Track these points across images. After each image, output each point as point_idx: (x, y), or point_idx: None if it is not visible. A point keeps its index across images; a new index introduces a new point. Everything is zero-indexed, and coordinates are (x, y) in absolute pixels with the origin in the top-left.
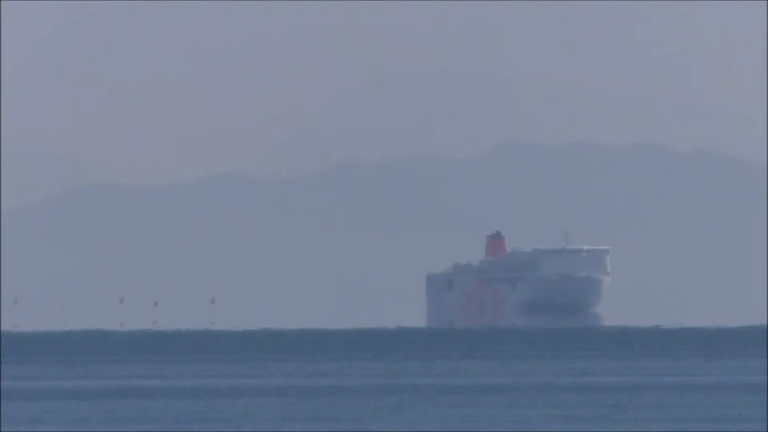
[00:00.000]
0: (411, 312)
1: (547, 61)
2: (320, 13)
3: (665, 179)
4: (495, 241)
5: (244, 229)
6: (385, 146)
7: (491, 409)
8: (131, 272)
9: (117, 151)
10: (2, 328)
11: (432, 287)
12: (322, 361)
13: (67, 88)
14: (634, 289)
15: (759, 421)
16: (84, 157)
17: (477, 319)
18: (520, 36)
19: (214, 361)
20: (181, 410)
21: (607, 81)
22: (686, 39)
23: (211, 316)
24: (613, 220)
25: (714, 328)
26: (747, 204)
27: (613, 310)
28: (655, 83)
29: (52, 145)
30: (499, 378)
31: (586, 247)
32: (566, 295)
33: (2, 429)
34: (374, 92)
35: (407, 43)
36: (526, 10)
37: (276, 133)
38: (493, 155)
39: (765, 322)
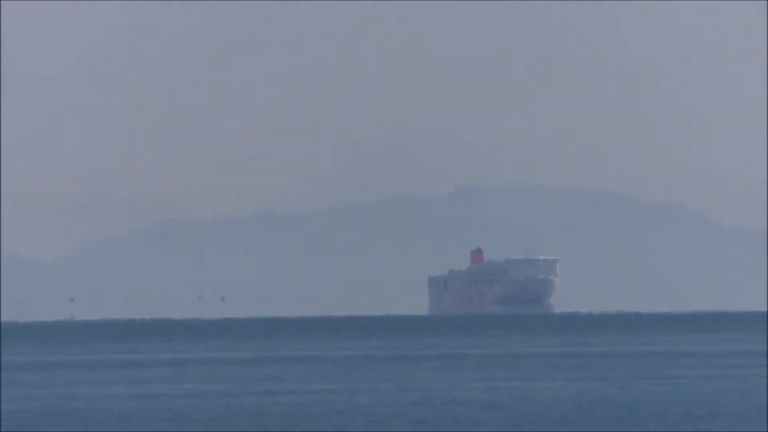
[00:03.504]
0: (415, 305)
1: (500, 123)
2: (309, 82)
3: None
4: (477, 254)
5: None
6: (376, 191)
7: (479, 371)
8: (205, 273)
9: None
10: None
11: (432, 287)
12: (343, 339)
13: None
14: (576, 287)
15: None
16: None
17: (466, 309)
18: (477, 101)
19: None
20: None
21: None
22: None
23: (259, 308)
24: (558, 239)
25: (651, 313)
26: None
27: (562, 302)
28: (621, 135)
29: (141, 186)
30: (483, 349)
31: (542, 258)
32: (530, 292)
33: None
34: (361, 155)
35: (386, 110)
36: (485, 82)
37: (297, 176)
38: (455, 196)
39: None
